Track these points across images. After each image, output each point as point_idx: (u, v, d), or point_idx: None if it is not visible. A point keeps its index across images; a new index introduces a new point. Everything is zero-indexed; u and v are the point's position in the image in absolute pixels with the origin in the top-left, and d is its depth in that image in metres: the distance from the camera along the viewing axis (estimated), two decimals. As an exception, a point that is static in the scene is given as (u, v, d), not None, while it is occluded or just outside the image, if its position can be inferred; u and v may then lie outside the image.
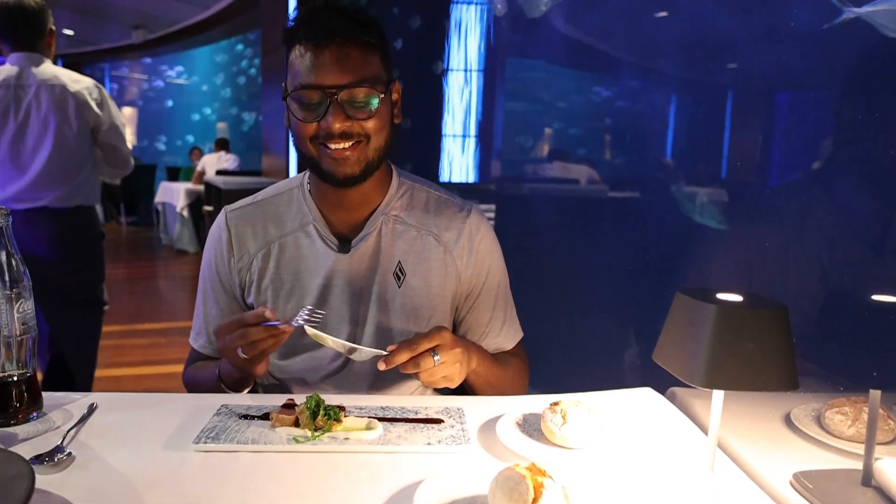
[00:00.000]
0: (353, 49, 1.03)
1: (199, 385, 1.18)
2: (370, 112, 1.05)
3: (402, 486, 0.77)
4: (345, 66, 1.03)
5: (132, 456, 0.83)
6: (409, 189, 1.22)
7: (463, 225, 1.20)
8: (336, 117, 1.03)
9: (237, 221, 1.20)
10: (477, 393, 1.18)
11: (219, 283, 1.21)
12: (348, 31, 1.03)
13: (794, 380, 0.72)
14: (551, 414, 0.89)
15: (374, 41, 1.06)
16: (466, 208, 1.23)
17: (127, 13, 9.71)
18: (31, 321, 0.93)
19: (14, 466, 0.66)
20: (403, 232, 1.18)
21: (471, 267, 1.20)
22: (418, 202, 1.22)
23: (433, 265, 1.18)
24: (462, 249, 1.20)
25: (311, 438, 0.87)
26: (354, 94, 1.03)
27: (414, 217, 1.20)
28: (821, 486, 0.79)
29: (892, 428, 0.94)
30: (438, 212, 1.21)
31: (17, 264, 0.91)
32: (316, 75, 1.03)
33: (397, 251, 1.17)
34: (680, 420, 1.02)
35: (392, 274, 1.17)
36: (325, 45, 1.03)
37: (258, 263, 1.18)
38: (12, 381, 0.91)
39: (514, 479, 0.67)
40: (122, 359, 3.89)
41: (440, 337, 1.00)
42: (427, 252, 1.18)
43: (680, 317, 0.78)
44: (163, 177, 10.11)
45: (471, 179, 3.74)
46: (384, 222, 1.18)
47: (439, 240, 1.19)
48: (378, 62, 1.07)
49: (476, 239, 1.21)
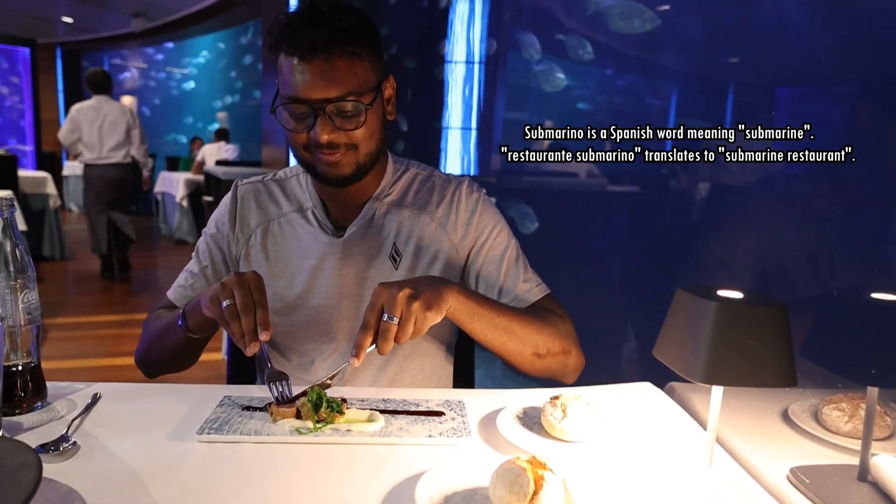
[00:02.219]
0: (337, 61, 1.02)
1: (157, 328, 1.17)
2: (358, 122, 1.05)
3: (404, 478, 0.78)
4: (329, 80, 1.02)
5: (136, 446, 0.84)
6: (403, 171, 1.25)
7: (454, 197, 1.22)
8: (324, 129, 1.04)
9: (244, 195, 1.25)
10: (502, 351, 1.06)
11: (216, 246, 1.25)
12: (331, 44, 1.01)
13: (793, 376, 0.72)
14: (551, 408, 0.89)
15: (359, 49, 1.04)
16: (457, 181, 1.24)
17: (127, 2, 9.65)
18: (36, 311, 0.93)
19: (21, 455, 0.67)
20: (397, 213, 1.20)
21: (467, 236, 1.20)
22: (412, 184, 1.24)
23: (428, 243, 1.19)
24: (454, 221, 1.20)
25: (314, 430, 0.88)
26: (342, 105, 1.03)
27: (407, 199, 1.22)
28: (817, 481, 0.80)
29: (889, 424, 0.95)
30: (431, 189, 1.23)
31: (22, 254, 0.91)
32: (302, 89, 1.02)
33: (391, 234, 1.19)
34: (679, 415, 1.03)
35: (388, 257, 1.18)
36: (308, 58, 1.01)
37: (255, 238, 1.22)
38: (17, 370, 0.92)
39: (515, 471, 0.68)
40: (123, 348, 3.90)
41: (377, 295, 0.92)
42: (421, 230, 1.19)
43: (680, 313, 0.79)
44: (162, 166, 10.09)
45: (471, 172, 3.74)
46: (378, 208, 1.20)
47: (433, 216, 1.20)
48: (366, 68, 1.06)
49: (468, 207, 1.21)
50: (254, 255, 1.21)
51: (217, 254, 1.25)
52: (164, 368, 1.20)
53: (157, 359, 1.19)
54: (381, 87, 1.09)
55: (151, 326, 1.21)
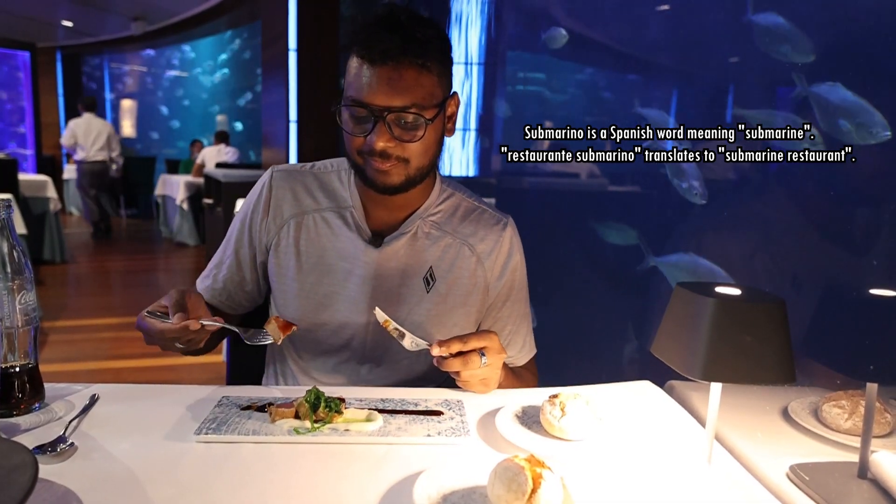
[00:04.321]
0: (406, 70, 1.00)
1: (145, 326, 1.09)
2: (416, 135, 1.04)
3: (402, 478, 0.78)
4: (396, 88, 1.00)
5: (134, 446, 0.84)
6: (449, 196, 1.22)
7: (499, 237, 1.21)
8: (381, 136, 1.02)
9: (280, 183, 1.21)
10: None
11: (247, 235, 1.21)
12: (403, 53, 0.99)
13: (792, 373, 0.72)
14: (550, 406, 0.89)
15: (430, 63, 1.02)
16: (503, 221, 1.23)
17: (126, 5, 9.66)
18: (33, 312, 0.93)
19: (17, 456, 0.67)
20: (439, 238, 1.18)
21: (500, 280, 1.21)
22: (457, 210, 1.22)
23: (464, 274, 1.18)
24: (494, 262, 1.20)
25: (312, 430, 0.88)
26: (403, 116, 1.02)
27: (451, 225, 1.20)
28: (817, 479, 0.80)
29: (889, 421, 0.95)
30: (476, 221, 1.22)
31: (19, 255, 0.91)
32: (367, 93, 1.01)
33: (430, 256, 1.17)
34: (678, 413, 1.03)
35: (422, 278, 1.17)
36: (378, 64, 1.00)
37: (288, 230, 1.18)
38: (15, 371, 0.92)
39: (513, 469, 0.67)
40: (123, 351, 3.90)
41: (490, 339, 1.01)
42: (460, 261, 1.18)
43: (678, 310, 0.79)
44: (162, 169, 10.08)
45: (471, 173, 3.74)
46: (421, 226, 1.18)
47: (473, 250, 1.19)
48: (433, 82, 1.04)
49: (509, 253, 1.21)
50: (283, 248, 1.19)
51: (244, 247, 1.21)
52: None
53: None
54: (444, 104, 1.08)
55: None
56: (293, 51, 4.83)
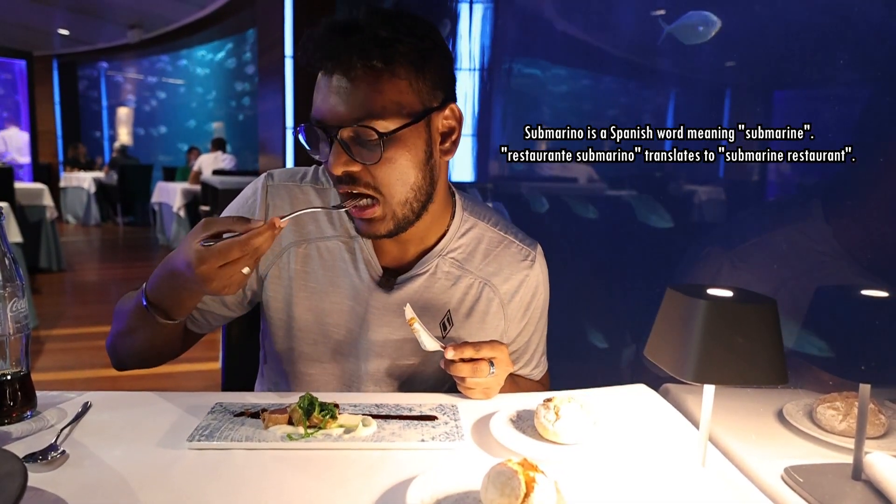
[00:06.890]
0: (361, 77, 0.83)
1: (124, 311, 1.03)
2: (378, 156, 0.85)
3: (396, 483, 0.77)
4: (346, 99, 0.84)
5: (126, 454, 0.83)
6: (471, 227, 1.09)
7: (525, 277, 1.10)
8: (336, 158, 0.86)
9: (276, 202, 1.03)
10: None
11: None
12: (359, 56, 0.82)
13: (784, 374, 0.72)
14: (544, 410, 0.89)
15: (396, 66, 0.84)
16: (531, 256, 1.12)
17: (122, 13, 9.68)
18: (25, 320, 0.93)
19: (6, 465, 0.66)
20: (459, 278, 1.06)
21: (522, 322, 1.14)
22: (480, 243, 1.09)
23: (483, 318, 1.09)
24: (519, 304, 1.11)
25: (305, 436, 0.88)
26: (361, 132, 0.84)
27: (473, 263, 1.08)
28: (811, 480, 0.79)
29: (883, 422, 0.95)
30: (500, 257, 1.09)
31: (11, 263, 0.91)
32: (319, 107, 0.87)
33: (448, 299, 1.06)
34: (673, 416, 1.02)
35: (438, 323, 1.06)
36: (328, 73, 0.86)
37: (288, 261, 1.04)
38: (6, 379, 0.91)
39: (506, 473, 0.67)
40: (119, 359, 3.88)
41: (500, 350, 0.98)
42: (481, 305, 1.08)
43: (670, 312, 0.79)
44: (159, 177, 10.08)
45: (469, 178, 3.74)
46: (439, 265, 1.05)
47: (496, 291, 1.09)
48: (401, 89, 0.85)
49: (534, 294, 1.13)
50: (283, 280, 1.04)
51: None
52: (134, 360, 1.05)
53: (127, 349, 1.04)
54: (427, 116, 0.89)
55: (119, 309, 1.05)
56: (289, 58, 4.84)
